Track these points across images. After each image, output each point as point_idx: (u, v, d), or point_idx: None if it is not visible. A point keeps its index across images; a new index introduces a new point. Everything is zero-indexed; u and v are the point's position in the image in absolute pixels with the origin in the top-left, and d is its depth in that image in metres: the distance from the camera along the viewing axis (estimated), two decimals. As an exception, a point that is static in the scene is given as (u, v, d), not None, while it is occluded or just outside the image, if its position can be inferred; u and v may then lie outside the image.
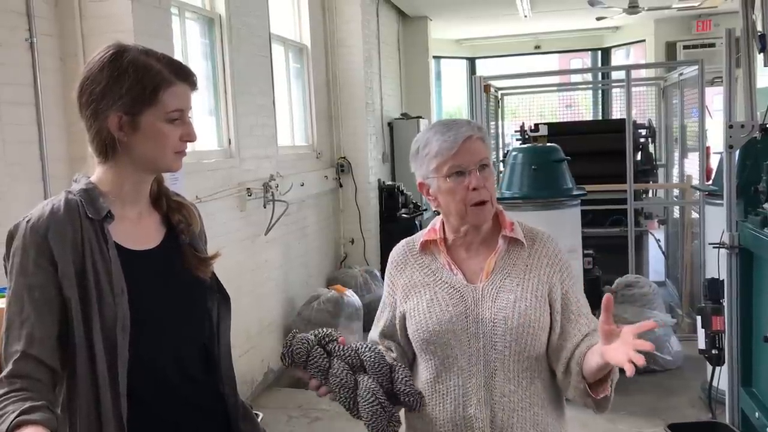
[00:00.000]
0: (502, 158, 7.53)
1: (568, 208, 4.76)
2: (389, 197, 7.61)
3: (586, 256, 5.26)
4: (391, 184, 7.82)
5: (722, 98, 3.59)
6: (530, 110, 9.96)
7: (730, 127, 3.33)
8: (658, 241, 7.39)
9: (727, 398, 3.49)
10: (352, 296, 5.75)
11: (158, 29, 3.69)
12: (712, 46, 9.98)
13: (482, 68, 12.57)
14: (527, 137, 6.00)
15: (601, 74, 11.99)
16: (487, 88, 6.69)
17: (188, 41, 4.56)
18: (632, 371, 1.39)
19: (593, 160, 6.34)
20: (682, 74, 6.84)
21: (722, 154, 3.75)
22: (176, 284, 1.58)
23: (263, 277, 5.31)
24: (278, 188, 5.35)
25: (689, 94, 6.80)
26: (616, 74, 10.37)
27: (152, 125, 1.49)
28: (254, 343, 5.04)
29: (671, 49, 10.58)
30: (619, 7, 8.10)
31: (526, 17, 9.99)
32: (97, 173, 1.55)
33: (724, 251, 3.39)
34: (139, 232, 1.56)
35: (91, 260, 1.44)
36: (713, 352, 3.49)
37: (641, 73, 10.33)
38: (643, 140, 7.43)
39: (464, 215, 1.75)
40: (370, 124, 7.39)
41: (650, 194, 7.87)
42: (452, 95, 13.35)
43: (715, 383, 3.67)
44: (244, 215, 4.97)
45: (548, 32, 11.95)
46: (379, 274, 6.59)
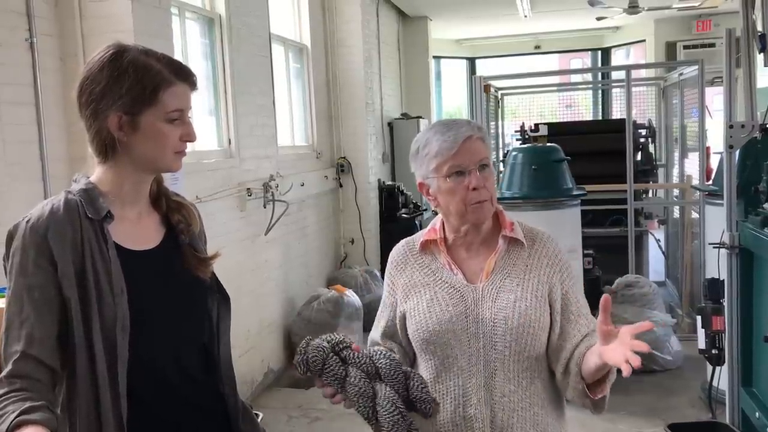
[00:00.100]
0: (502, 158, 7.52)
1: (568, 208, 4.75)
2: (389, 197, 7.61)
3: (586, 256, 5.26)
4: (391, 184, 7.82)
5: (722, 98, 3.59)
6: (530, 110, 9.97)
7: (730, 127, 3.33)
8: (658, 241, 7.39)
9: (727, 398, 3.49)
10: (352, 296, 5.75)
11: (158, 29, 3.69)
12: (712, 46, 9.98)
13: (482, 68, 12.56)
14: (527, 137, 6.00)
15: (601, 74, 11.99)
16: (487, 88, 6.69)
17: (188, 41, 4.56)
18: (629, 372, 1.40)
19: (593, 160, 6.34)
20: (682, 74, 6.84)
21: (722, 154, 3.75)
22: (176, 284, 1.58)
23: (263, 277, 5.31)
24: (278, 188, 5.34)
25: (689, 94, 6.80)
26: (616, 74, 10.37)
27: (152, 125, 1.49)
28: (254, 343, 5.04)
29: (671, 49, 10.58)
30: (619, 7, 8.10)
31: (526, 17, 9.99)
32: (96, 173, 1.55)
33: (724, 251, 3.39)
34: (138, 232, 1.56)
35: (90, 260, 1.44)
36: (713, 352, 3.49)
37: (641, 73, 10.32)
38: (643, 140, 7.43)
39: (464, 215, 1.75)
40: (370, 124, 7.39)
41: (650, 194, 7.87)
42: (452, 95, 13.35)
43: (715, 383, 3.67)
44: (244, 215, 4.97)
45: (548, 32, 11.94)
46: (379, 274, 6.59)
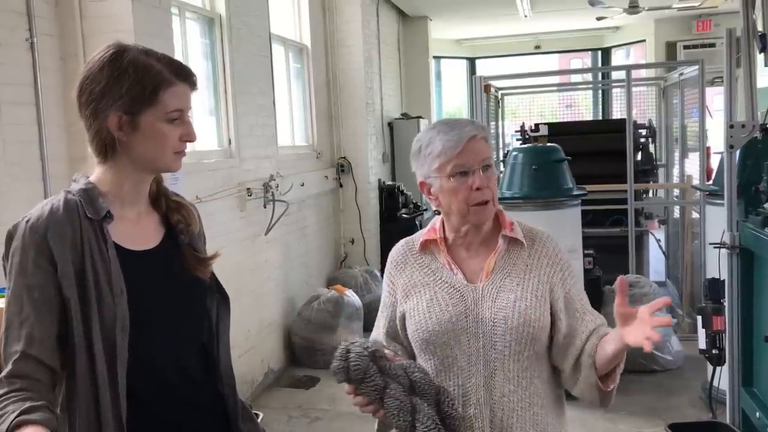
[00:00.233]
0: (502, 158, 7.52)
1: (568, 208, 4.75)
2: (389, 197, 7.61)
3: (586, 256, 5.25)
4: (391, 184, 7.82)
5: (723, 98, 3.59)
6: (530, 110, 9.96)
7: (730, 127, 3.33)
8: (658, 241, 7.38)
9: (727, 398, 3.49)
10: (352, 296, 5.75)
11: (158, 29, 3.69)
12: (712, 46, 9.98)
13: (482, 68, 12.56)
14: (527, 137, 6.00)
15: (601, 74, 11.98)
16: (487, 88, 6.68)
17: (188, 41, 4.56)
18: (650, 348, 1.48)
19: (593, 160, 6.33)
20: (682, 74, 6.84)
21: (723, 154, 3.75)
22: (175, 284, 1.58)
23: (263, 277, 5.31)
24: (278, 188, 5.34)
25: (689, 94, 6.80)
26: (616, 74, 10.36)
27: (152, 125, 1.49)
28: (254, 343, 5.04)
29: (671, 49, 10.58)
30: (619, 7, 8.10)
31: (526, 17, 9.99)
32: (96, 173, 1.55)
33: (724, 251, 3.39)
34: (138, 232, 1.56)
35: (90, 260, 1.44)
36: (714, 352, 3.48)
37: (641, 73, 10.31)
38: (643, 140, 7.43)
39: (466, 215, 1.74)
40: (370, 124, 7.39)
41: (650, 194, 7.87)
42: (452, 95, 13.35)
43: (715, 383, 3.67)
44: (244, 215, 4.97)
45: (548, 32, 11.94)
46: (379, 274, 6.59)
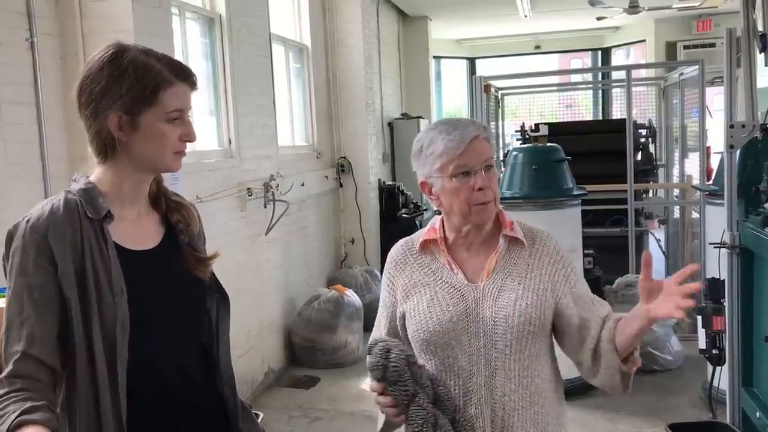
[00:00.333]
0: (502, 158, 7.52)
1: (568, 207, 4.75)
2: (389, 197, 7.61)
3: (586, 256, 5.26)
4: (391, 184, 7.82)
5: (723, 98, 3.59)
6: (530, 110, 9.96)
7: (731, 126, 3.33)
8: (658, 241, 7.38)
9: (727, 398, 3.49)
10: (352, 296, 5.75)
11: (158, 29, 3.69)
12: (712, 46, 9.98)
13: (482, 68, 12.55)
14: (527, 137, 5.99)
15: (601, 74, 11.98)
16: (487, 88, 6.68)
17: (188, 41, 4.56)
18: (684, 316, 1.54)
19: (594, 160, 6.33)
20: (682, 74, 6.84)
21: (723, 153, 3.75)
22: (175, 284, 1.58)
23: (264, 277, 5.31)
24: (278, 188, 5.34)
25: (689, 94, 6.80)
26: (616, 74, 10.36)
27: (152, 125, 1.49)
28: (254, 343, 5.04)
29: (671, 49, 10.58)
30: (619, 7, 8.10)
31: (526, 17, 9.98)
32: (96, 173, 1.54)
33: (724, 251, 3.39)
34: (138, 232, 1.56)
35: (90, 260, 1.43)
36: (714, 352, 3.48)
37: (641, 73, 10.31)
38: (643, 140, 7.44)
39: (468, 215, 1.74)
40: (370, 124, 7.39)
41: (650, 194, 7.87)
42: (452, 95, 13.34)
43: (715, 383, 3.66)
44: (244, 215, 4.97)
45: (548, 32, 11.94)
46: (379, 274, 6.59)
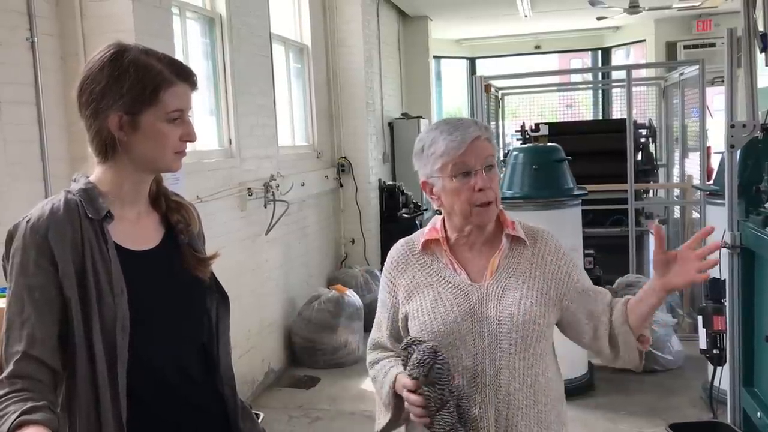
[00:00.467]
0: (502, 158, 7.52)
1: (569, 207, 4.74)
2: (390, 197, 7.61)
3: (587, 255, 5.25)
4: (391, 183, 7.82)
5: (723, 98, 3.59)
6: (530, 110, 9.96)
7: (731, 126, 3.32)
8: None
9: (728, 398, 3.48)
10: (352, 296, 5.75)
11: (159, 29, 3.69)
12: (712, 46, 9.97)
13: (482, 68, 12.55)
14: (528, 137, 5.99)
15: (601, 74, 11.98)
16: (487, 88, 6.68)
17: (189, 41, 4.56)
18: (707, 278, 1.62)
19: (594, 159, 6.32)
20: (682, 74, 6.84)
21: (723, 153, 3.74)
22: (175, 284, 1.58)
23: (264, 277, 5.31)
24: (279, 188, 5.34)
25: (690, 93, 6.80)
26: (616, 74, 10.35)
27: (152, 125, 1.49)
28: (255, 343, 5.04)
29: (671, 49, 10.57)
30: (619, 6, 8.09)
31: (526, 17, 9.98)
32: (96, 173, 1.54)
33: (725, 251, 3.39)
34: (138, 232, 1.56)
35: (91, 260, 1.43)
36: (714, 351, 3.47)
37: (641, 73, 10.31)
38: (643, 140, 7.42)
39: (468, 216, 1.74)
40: (370, 123, 7.39)
41: (651, 194, 7.86)
42: (452, 95, 13.34)
43: (716, 383, 3.66)
44: (244, 215, 4.97)
45: (548, 32, 11.93)
46: (379, 274, 6.59)
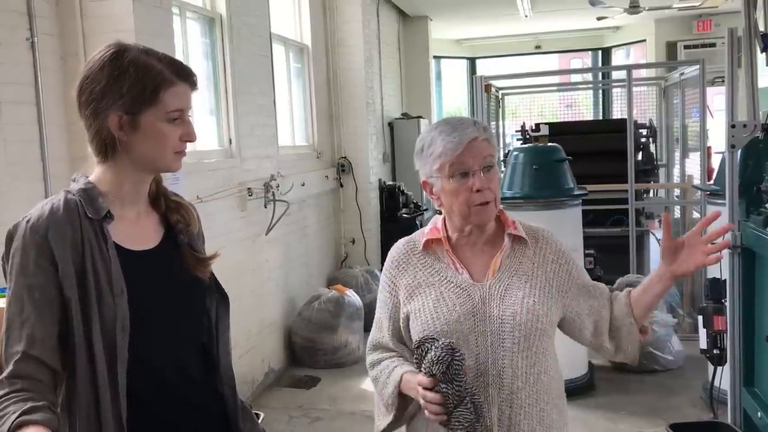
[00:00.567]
0: (503, 158, 7.52)
1: (569, 207, 4.74)
2: (390, 197, 7.61)
3: (587, 255, 5.25)
4: (391, 183, 7.82)
5: (724, 98, 3.58)
6: (531, 110, 9.97)
7: (732, 126, 3.32)
8: (659, 241, 7.35)
9: (729, 398, 3.48)
10: (352, 296, 5.74)
11: (159, 29, 3.69)
12: (712, 45, 9.98)
13: (482, 68, 12.56)
14: (528, 137, 6.00)
15: (601, 74, 11.98)
16: (487, 88, 6.68)
17: (189, 41, 4.55)
18: (720, 259, 1.62)
19: (594, 159, 6.32)
20: (683, 74, 6.83)
21: (724, 153, 3.74)
22: (175, 284, 1.58)
23: (264, 277, 5.31)
24: (279, 188, 5.34)
25: (690, 93, 6.79)
26: (616, 74, 10.35)
27: (152, 125, 1.48)
28: (255, 343, 5.04)
29: (672, 49, 10.58)
30: (619, 6, 8.10)
31: (526, 17, 9.98)
32: (96, 173, 1.54)
33: (726, 251, 3.39)
34: (137, 232, 1.56)
35: (90, 260, 1.43)
36: (715, 351, 3.47)
37: (642, 73, 10.31)
38: (644, 140, 7.42)
39: (467, 216, 1.74)
40: (370, 123, 7.39)
41: (651, 194, 7.86)
42: (452, 95, 13.34)
43: (716, 383, 3.66)
44: (244, 215, 4.97)
45: (548, 32, 11.94)
46: (379, 274, 6.57)
